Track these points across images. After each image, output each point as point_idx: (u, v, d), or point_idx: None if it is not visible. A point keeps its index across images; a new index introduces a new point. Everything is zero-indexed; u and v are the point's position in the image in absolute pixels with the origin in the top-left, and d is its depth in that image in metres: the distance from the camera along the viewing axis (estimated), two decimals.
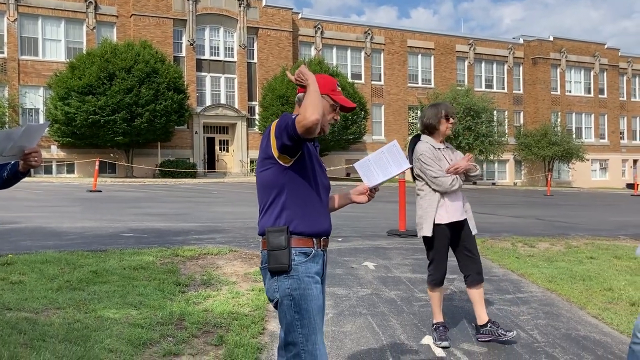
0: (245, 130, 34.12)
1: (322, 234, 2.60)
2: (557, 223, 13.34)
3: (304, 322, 2.46)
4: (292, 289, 2.47)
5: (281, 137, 2.44)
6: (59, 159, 29.85)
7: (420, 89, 40.02)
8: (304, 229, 2.54)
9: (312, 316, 2.47)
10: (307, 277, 2.50)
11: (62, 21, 30.80)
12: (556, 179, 42.05)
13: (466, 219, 4.34)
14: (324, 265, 2.65)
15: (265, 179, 2.58)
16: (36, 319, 4.42)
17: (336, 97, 2.65)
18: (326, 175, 2.73)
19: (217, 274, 6.24)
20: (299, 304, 2.46)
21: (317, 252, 2.57)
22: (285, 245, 2.48)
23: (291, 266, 2.48)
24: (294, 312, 2.47)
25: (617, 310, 5.21)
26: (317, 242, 2.57)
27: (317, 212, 2.60)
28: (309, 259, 2.53)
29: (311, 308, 2.47)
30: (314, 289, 2.50)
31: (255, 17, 34.54)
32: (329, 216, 2.69)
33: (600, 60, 46.22)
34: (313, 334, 2.46)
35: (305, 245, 2.54)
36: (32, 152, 2.73)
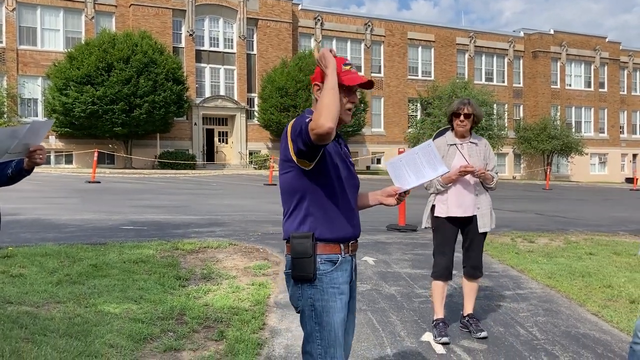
0: (244, 122, 34.05)
1: (349, 238, 2.46)
2: (556, 218, 13.35)
3: (323, 334, 2.37)
4: (315, 300, 2.38)
5: (296, 141, 2.27)
6: (57, 150, 29.79)
7: (420, 82, 39.93)
8: (330, 235, 2.39)
9: (332, 329, 2.37)
10: (331, 288, 2.38)
11: (61, 11, 30.63)
12: (555, 173, 42.07)
13: (475, 215, 4.34)
14: (352, 270, 2.51)
15: (286, 182, 2.43)
16: (37, 313, 4.42)
17: (341, 78, 2.34)
18: (354, 173, 2.54)
19: (217, 268, 6.25)
20: (321, 316, 2.37)
21: (344, 258, 2.43)
22: (310, 252, 2.35)
23: (316, 275, 2.36)
24: (315, 323, 2.39)
25: (617, 308, 5.22)
26: (345, 248, 2.44)
27: (344, 216, 2.43)
28: (336, 268, 2.40)
29: (333, 321, 2.37)
30: (338, 301, 2.39)
31: (255, 8, 34.38)
32: (357, 218, 2.53)
33: (601, 54, 46.11)
34: (332, 347, 2.37)
35: (332, 252, 2.40)
36: (37, 149, 2.73)
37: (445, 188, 4.30)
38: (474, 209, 4.33)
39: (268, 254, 7.22)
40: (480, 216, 4.36)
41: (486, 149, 4.42)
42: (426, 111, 38.08)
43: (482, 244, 4.48)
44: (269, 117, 31.98)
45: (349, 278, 2.46)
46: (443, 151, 4.36)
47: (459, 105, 4.33)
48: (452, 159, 4.32)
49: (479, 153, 4.36)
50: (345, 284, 2.43)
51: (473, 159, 4.31)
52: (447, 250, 4.37)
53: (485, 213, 4.38)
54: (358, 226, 2.53)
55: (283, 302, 5.09)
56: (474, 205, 4.33)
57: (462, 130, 4.34)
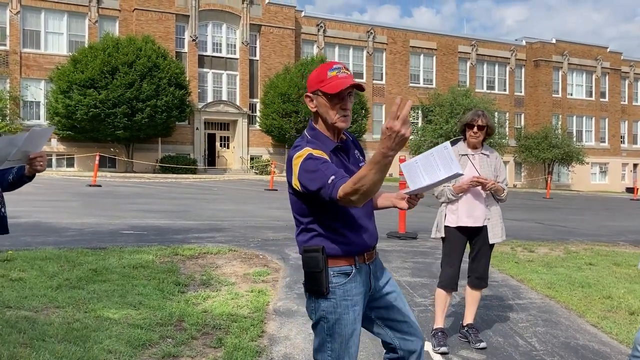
0: (246, 127, 34.11)
1: (362, 250, 2.42)
2: (556, 227, 13.34)
3: (334, 346, 2.38)
4: (328, 312, 2.37)
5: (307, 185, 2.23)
6: (59, 153, 29.83)
7: (422, 89, 40.00)
8: (340, 252, 2.37)
9: (344, 341, 2.38)
10: (344, 300, 2.37)
11: (65, 14, 30.75)
12: (556, 182, 42.06)
13: (486, 226, 4.34)
14: (369, 277, 2.47)
15: (293, 201, 2.44)
16: (36, 317, 4.42)
17: (324, 88, 2.31)
18: None
19: (216, 274, 6.24)
20: (333, 328, 2.38)
21: (359, 268, 2.41)
22: (321, 267, 2.33)
23: (329, 289, 2.35)
24: (327, 334, 2.39)
25: (616, 319, 5.21)
26: (359, 258, 2.41)
27: (354, 229, 2.40)
28: (349, 280, 2.38)
29: (345, 333, 2.38)
30: (351, 313, 2.38)
31: (258, 14, 34.50)
32: (371, 227, 2.48)
33: (602, 64, 46.19)
34: (342, 358, 2.39)
35: (345, 264, 2.38)
36: (37, 156, 2.74)
37: (456, 197, 4.31)
38: (485, 219, 4.33)
39: (268, 260, 7.22)
40: (491, 227, 4.36)
41: (497, 160, 4.43)
42: (427, 118, 38.12)
43: (490, 254, 4.47)
44: (271, 122, 32.04)
45: (364, 288, 2.44)
46: None
47: (473, 116, 4.33)
48: (463, 169, 4.33)
49: (490, 164, 4.37)
50: (359, 295, 2.41)
51: (484, 170, 4.32)
52: (455, 260, 4.37)
53: (496, 224, 4.38)
54: (373, 235, 2.49)
55: (282, 309, 5.09)
56: (484, 215, 4.33)
57: (474, 141, 4.35)
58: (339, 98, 2.35)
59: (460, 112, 33.89)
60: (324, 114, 2.38)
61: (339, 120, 2.36)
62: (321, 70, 2.38)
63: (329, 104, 2.35)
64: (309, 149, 2.30)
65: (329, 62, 2.41)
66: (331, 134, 2.42)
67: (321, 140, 2.39)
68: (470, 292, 4.52)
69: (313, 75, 2.41)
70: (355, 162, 2.49)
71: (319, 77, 2.37)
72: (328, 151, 2.35)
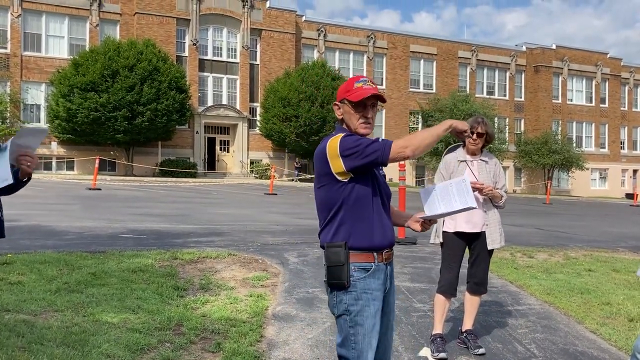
0: (246, 131, 34.14)
1: (382, 247, 2.57)
2: (556, 233, 13.34)
3: (357, 339, 2.50)
4: (349, 305, 2.51)
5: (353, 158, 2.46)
6: (59, 156, 29.84)
7: (422, 94, 40.06)
8: (362, 244, 2.52)
9: (367, 333, 2.50)
10: (365, 293, 2.51)
11: (66, 18, 30.83)
12: (556, 187, 42.08)
13: (484, 232, 4.35)
14: (387, 279, 2.62)
15: (323, 195, 2.58)
16: (34, 321, 4.41)
17: (349, 96, 2.57)
18: (385, 183, 2.68)
19: (215, 279, 6.24)
20: (355, 320, 2.50)
21: (377, 266, 2.55)
22: (343, 261, 2.48)
23: (349, 282, 2.49)
24: (349, 327, 2.51)
25: (615, 326, 5.21)
26: (379, 256, 2.56)
27: (378, 225, 2.56)
28: (369, 275, 2.53)
29: (367, 325, 2.50)
30: (372, 306, 2.52)
31: (258, 18, 34.58)
32: (390, 227, 2.63)
33: (602, 70, 46.28)
34: (365, 351, 2.50)
35: (365, 261, 2.53)
36: (25, 154, 2.66)
37: None
38: (483, 225, 4.34)
39: (267, 265, 7.22)
40: (489, 233, 4.36)
41: (496, 167, 4.43)
42: (427, 123, 38.14)
43: (488, 260, 4.47)
44: (271, 126, 32.06)
45: (382, 286, 2.58)
46: (453, 167, 4.38)
47: (473, 123, 4.33)
48: (461, 175, 4.33)
49: (488, 171, 4.38)
50: (378, 291, 2.55)
51: (482, 176, 4.33)
52: (453, 265, 4.38)
53: (495, 230, 4.38)
54: (391, 235, 2.63)
55: (281, 314, 5.09)
56: (482, 222, 4.33)
57: (473, 148, 4.37)
58: (362, 106, 2.58)
59: (461, 118, 33.91)
60: (348, 120, 2.62)
61: (361, 127, 2.59)
62: (350, 82, 2.64)
63: (353, 111, 2.58)
64: (341, 134, 2.54)
65: (357, 76, 2.67)
66: None
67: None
68: (470, 297, 4.53)
69: (342, 86, 2.66)
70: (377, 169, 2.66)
71: (346, 88, 2.62)
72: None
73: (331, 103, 32.27)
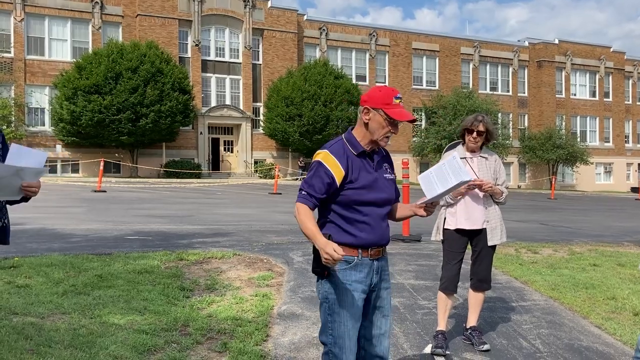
0: (249, 131, 34.19)
1: (367, 245, 2.67)
2: (560, 228, 13.33)
3: (334, 326, 2.64)
4: (328, 293, 2.65)
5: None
6: (64, 159, 29.97)
7: (425, 91, 40.02)
8: (346, 241, 2.65)
9: (343, 321, 2.63)
10: (344, 283, 2.64)
11: (69, 21, 30.94)
12: (560, 182, 41.97)
13: (485, 229, 4.36)
14: (373, 273, 2.71)
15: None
16: (42, 324, 4.45)
17: (389, 111, 2.64)
18: (386, 187, 2.75)
19: (221, 279, 6.27)
20: (333, 308, 2.64)
21: (361, 260, 2.67)
22: None
23: (329, 271, 2.63)
24: (327, 314, 2.66)
25: (621, 320, 5.21)
26: (363, 252, 2.67)
27: (363, 226, 2.67)
28: (350, 267, 2.65)
29: (344, 313, 2.63)
30: (350, 297, 2.64)
31: (260, 18, 34.61)
32: (380, 228, 2.72)
33: (606, 64, 46.12)
34: (341, 338, 2.63)
35: (349, 254, 2.65)
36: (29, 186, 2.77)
37: (455, 201, 4.33)
38: (483, 222, 4.35)
39: (272, 264, 7.25)
40: (490, 229, 4.37)
41: (496, 163, 4.44)
42: (430, 120, 38.11)
43: (491, 257, 4.48)
44: (275, 126, 32.10)
45: (366, 279, 2.68)
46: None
47: (473, 121, 4.33)
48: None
49: (488, 167, 4.39)
50: (359, 283, 2.66)
51: (482, 173, 4.34)
52: (454, 262, 4.39)
53: (495, 226, 4.39)
54: (382, 235, 2.73)
55: (287, 313, 5.11)
56: (483, 218, 4.34)
57: (473, 146, 4.37)
58: (394, 124, 2.67)
59: (464, 114, 33.85)
60: (374, 130, 2.68)
61: (383, 141, 2.71)
62: (387, 93, 2.67)
63: (385, 123, 2.66)
64: (327, 152, 2.67)
65: (393, 89, 2.71)
66: (365, 144, 2.72)
67: (352, 144, 2.71)
68: (473, 294, 4.54)
69: (378, 94, 2.68)
70: (382, 172, 2.77)
71: (385, 99, 2.65)
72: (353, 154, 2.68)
73: (334, 101, 32.49)
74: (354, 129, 2.76)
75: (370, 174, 2.69)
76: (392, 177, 2.80)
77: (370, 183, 2.67)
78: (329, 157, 2.64)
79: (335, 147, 2.70)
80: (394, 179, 2.82)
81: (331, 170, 2.62)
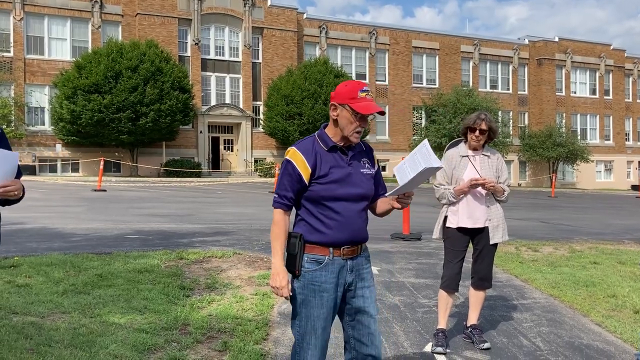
0: (249, 129, 34.17)
1: (339, 244, 2.67)
2: (561, 226, 13.32)
3: (301, 323, 2.69)
4: (297, 292, 2.69)
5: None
6: (64, 158, 29.96)
7: (425, 90, 39.99)
8: (316, 239, 2.66)
9: (310, 320, 2.67)
10: (311, 285, 2.66)
11: (68, 20, 30.91)
12: (561, 180, 41.95)
13: (487, 227, 4.36)
14: (348, 273, 2.71)
15: None
16: (42, 323, 4.45)
17: (354, 106, 2.60)
18: (364, 181, 2.71)
19: (221, 278, 6.27)
20: (300, 307, 2.70)
21: (332, 260, 2.67)
22: (296, 251, 2.65)
23: (300, 272, 2.67)
24: (296, 312, 2.72)
25: (621, 318, 5.21)
26: (335, 251, 2.67)
27: (336, 224, 2.65)
28: (320, 268, 2.66)
29: (310, 314, 2.66)
30: (317, 298, 2.66)
31: (260, 17, 34.58)
32: (355, 225, 2.70)
33: (606, 62, 46.07)
34: (308, 334, 2.68)
35: (319, 253, 2.66)
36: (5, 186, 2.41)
37: (457, 199, 4.33)
38: (485, 220, 4.34)
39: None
40: (492, 228, 4.37)
41: (498, 161, 4.43)
42: (430, 119, 38.09)
43: (492, 255, 4.47)
44: (275, 125, 32.08)
45: (336, 279, 2.68)
46: (455, 162, 4.39)
47: (476, 120, 4.32)
48: (463, 170, 4.35)
49: (491, 165, 4.38)
50: (329, 284, 2.67)
51: (484, 171, 4.33)
52: (456, 261, 4.39)
53: (497, 225, 4.38)
54: (356, 233, 2.71)
55: (287, 312, 5.10)
56: (485, 217, 4.34)
57: (475, 144, 4.37)
58: (362, 118, 2.63)
59: (464, 112, 33.86)
60: (344, 125, 2.66)
61: (354, 136, 2.67)
62: (353, 88, 2.64)
63: (352, 119, 2.63)
64: (294, 150, 2.67)
65: (359, 82, 2.67)
66: (338, 140, 2.70)
67: (323, 140, 2.70)
68: (474, 293, 4.54)
69: (344, 89, 2.65)
70: (359, 166, 2.73)
71: (350, 94, 2.62)
72: (323, 150, 2.67)
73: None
74: (327, 126, 2.74)
75: (342, 168, 2.65)
76: (371, 172, 2.76)
77: (342, 178, 2.64)
78: (296, 154, 2.65)
79: (304, 143, 2.70)
80: (373, 173, 2.77)
81: (298, 167, 2.63)
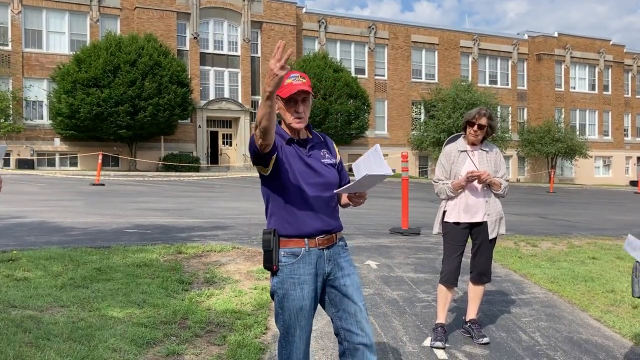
0: (248, 124, 34.11)
1: (313, 233, 2.68)
2: (559, 221, 13.34)
3: (284, 317, 2.70)
4: (277, 288, 2.70)
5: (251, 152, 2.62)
6: (62, 152, 29.91)
7: (424, 84, 39.94)
8: (291, 232, 2.67)
9: (292, 314, 2.68)
10: (291, 278, 2.67)
11: (66, 13, 30.79)
12: (559, 176, 41.99)
13: (486, 222, 4.36)
14: (325, 263, 2.72)
15: (261, 187, 2.82)
16: (41, 317, 4.45)
17: (280, 93, 2.62)
18: (323, 172, 2.71)
19: (220, 272, 6.27)
20: (282, 302, 2.70)
21: (309, 251, 2.68)
22: (272, 247, 2.66)
23: (278, 267, 2.67)
24: (278, 307, 2.73)
25: (619, 313, 5.22)
26: (310, 242, 2.68)
27: (307, 213, 2.67)
28: (298, 260, 2.67)
29: (292, 307, 2.67)
30: (298, 290, 2.67)
31: (259, 11, 34.47)
32: (325, 214, 2.71)
33: (605, 57, 46.03)
34: (292, 328, 2.70)
35: (295, 246, 2.67)
36: None
37: (455, 194, 4.33)
38: (483, 215, 4.35)
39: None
40: (491, 223, 4.37)
41: (497, 156, 4.44)
42: (429, 114, 38.07)
43: (491, 250, 4.48)
44: None
45: (314, 270, 2.70)
46: (454, 157, 4.39)
47: (476, 114, 4.33)
48: (462, 165, 4.35)
49: (489, 160, 4.38)
50: (307, 275, 2.68)
51: (483, 166, 4.33)
52: (455, 255, 4.39)
53: (496, 220, 4.39)
54: (328, 222, 2.72)
55: None
56: (483, 211, 4.35)
57: (474, 139, 4.37)
58: (293, 102, 2.66)
59: (463, 107, 33.84)
60: (282, 115, 2.72)
61: (294, 122, 2.69)
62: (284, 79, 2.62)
63: (285, 107, 2.68)
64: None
65: (290, 71, 2.57)
66: (292, 133, 2.74)
67: (280, 135, 2.71)
68: (473, 287, 4.54)
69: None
70: (319, 156, 2.76)
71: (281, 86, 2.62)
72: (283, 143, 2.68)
73: (333, 95, 32.46)
74: (280, 124, 2.79)
75: (302, 159, 2.68)
76: (332, 162, 2.79)
77: (304, 168, 2.67)
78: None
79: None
80: (334, 163, 2.80)
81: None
